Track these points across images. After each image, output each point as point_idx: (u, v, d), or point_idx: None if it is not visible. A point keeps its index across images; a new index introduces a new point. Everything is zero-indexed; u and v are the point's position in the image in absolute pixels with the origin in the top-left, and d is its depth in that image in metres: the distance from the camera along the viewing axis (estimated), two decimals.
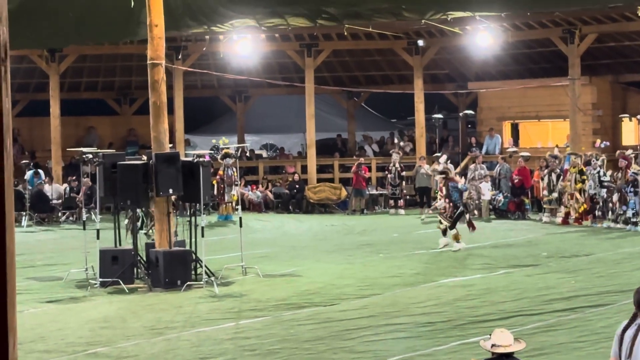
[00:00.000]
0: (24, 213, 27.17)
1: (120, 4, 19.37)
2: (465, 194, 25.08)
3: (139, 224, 18.46)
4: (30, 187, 28.20)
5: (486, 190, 27.07)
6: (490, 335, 7.16)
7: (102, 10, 20.61)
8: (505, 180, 27.56)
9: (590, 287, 14.96)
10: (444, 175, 20.64)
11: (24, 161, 29.09)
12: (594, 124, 29.74)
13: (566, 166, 25.18)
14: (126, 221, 19.12)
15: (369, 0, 22.48)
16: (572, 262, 18.04)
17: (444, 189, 20.55)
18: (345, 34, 29.10)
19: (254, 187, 30.96)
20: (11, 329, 2.49)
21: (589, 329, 11.93)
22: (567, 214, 24.70)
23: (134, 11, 18.92)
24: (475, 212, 26.45)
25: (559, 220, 24.92)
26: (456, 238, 19.99)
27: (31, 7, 18.32)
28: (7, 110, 2.52)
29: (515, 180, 26.78)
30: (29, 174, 28.76)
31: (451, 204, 20.12)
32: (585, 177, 24.35)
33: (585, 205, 24.40)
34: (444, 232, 20.22)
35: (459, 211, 20.12)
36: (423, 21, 27.20)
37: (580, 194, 24.38)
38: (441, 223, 20.34)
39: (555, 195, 25.26)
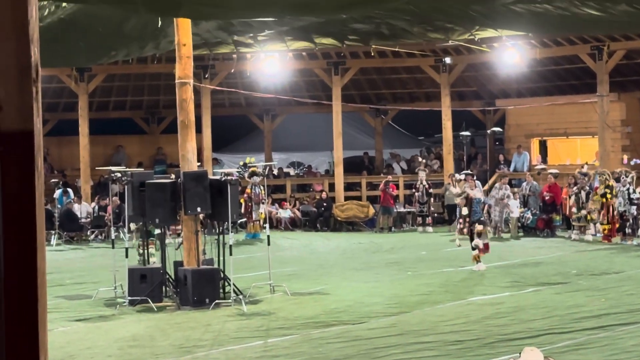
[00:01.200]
0: (53, 232, 27.32)
1: (146, 22, 19.48)
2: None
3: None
4: (59, 206, 28.38)
5: (515, 208, 26.93)
6: (520, 353, 7.12)
7: (127, 29, 20.72)
8: (533, 197, 27.40)
9: (620, 305, 14.84)
10: (464, 195, 20.43)
11: (53, 180, 29.25)
12: (623, 141, 29.58)
13: (596, 184, 25.01)
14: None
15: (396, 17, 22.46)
16: (602, 279, 17.91)
17: (465, 209, 20.24)
18: (373, 54, 29.16)
19: (285, 204, 30.95)
20: (42, 348, 2.50)
21: (619, 348, 11.82)
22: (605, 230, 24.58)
23: (161, 28, 19.01)
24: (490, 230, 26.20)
25: (588, 237, 24.77)
26: (476, 259, 19.82)
27: (57, 28, 18.48)
28: (39, 130, 2.54)
29: (547, 197, 26.59)
30: (58, 192, 28.94)
31: (467, 222, 19.96)
32: (608, 191, 24.18)
33: (607, 226, 24.29)
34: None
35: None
36: (450, 41, 27.25)
37: (608, 211, 24.22)
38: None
39: (584, 212, 25.10)
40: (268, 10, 15.65)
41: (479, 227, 19.90)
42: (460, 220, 20.44)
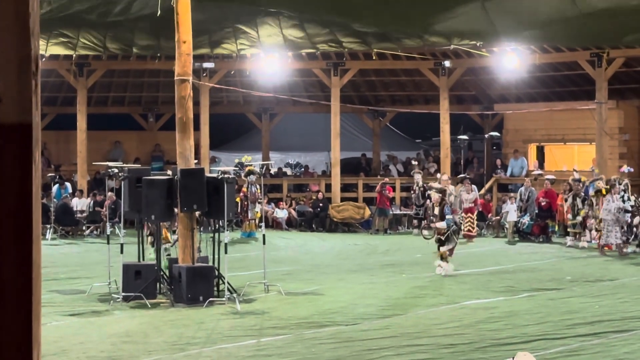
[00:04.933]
0: (49, 226, 27.30)
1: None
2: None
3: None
4: (56, 200, 28.35)
5: (512, 212, 26.93)
6: (512, 358, 7.13)
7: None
8: (531, 202, 27.35)
9: (614, 312, 14.86)
10: (440, 192, 20.26)
11: (49, 174, 29.23)
12: (620, 148, 29.59)
13: (590, 192, 24.95)
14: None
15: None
16: (596, 286, 17.93)
17: (437, 208, 20.08)
18: (374, 57, 29.15)
19: (281, 204, 30.93)
20: (35, 342, 2.49)
21: (612, 355, 11.83)
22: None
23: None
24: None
25: (583, 244, 24.76)
26: (443, 257, 19.73)
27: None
28: (37, 124, 2.53)
29: (543, 203, 26.59)
30: (55, 187, 28.93)
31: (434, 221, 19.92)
32: (604, 190, 24.22)
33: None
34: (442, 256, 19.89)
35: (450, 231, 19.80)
36: (452, 46, 27.28)
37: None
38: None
39: (579, 219, 25.11)
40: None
41: (440, 227, 19.70)
42: (431, 217, 20.20)
